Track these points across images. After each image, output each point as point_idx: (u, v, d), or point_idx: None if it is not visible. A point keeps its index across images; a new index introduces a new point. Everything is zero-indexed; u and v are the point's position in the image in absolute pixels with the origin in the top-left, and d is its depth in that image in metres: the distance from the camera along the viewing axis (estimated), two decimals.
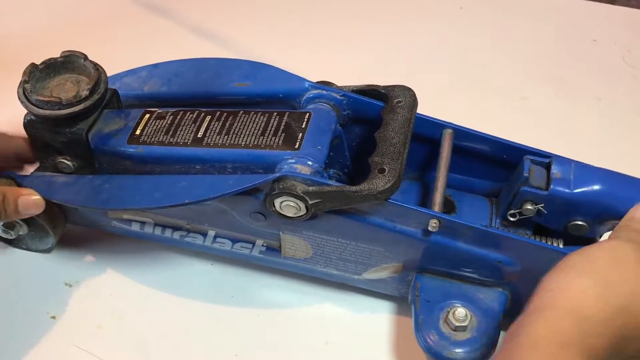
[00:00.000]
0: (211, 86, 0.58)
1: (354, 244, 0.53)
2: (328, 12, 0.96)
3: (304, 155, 0.50)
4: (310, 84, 0.57)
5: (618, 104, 0.82)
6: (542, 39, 0.92)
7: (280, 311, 0.59)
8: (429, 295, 0.52)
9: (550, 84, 0.85)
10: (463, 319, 0.50)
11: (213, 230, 0.56)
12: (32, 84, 0.52)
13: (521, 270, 0.51)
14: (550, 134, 0.76)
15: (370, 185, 0.47)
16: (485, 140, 0.56)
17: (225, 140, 0.52)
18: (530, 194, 0.51)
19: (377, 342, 0.57)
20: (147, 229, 0.58)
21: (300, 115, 0.53)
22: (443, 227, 0.49)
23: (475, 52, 0.90)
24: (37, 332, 0.56)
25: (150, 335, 0.57)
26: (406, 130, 0.52)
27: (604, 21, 0.96)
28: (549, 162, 0.52)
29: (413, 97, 0.55)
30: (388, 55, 0.88)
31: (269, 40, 0.90)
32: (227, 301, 0.60)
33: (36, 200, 0.52)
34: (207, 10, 0.94)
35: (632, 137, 0.78)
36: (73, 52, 0.54)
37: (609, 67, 0.88)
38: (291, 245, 0.55)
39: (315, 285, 0.60)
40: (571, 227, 0.52)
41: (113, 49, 0.84)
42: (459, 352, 0.49)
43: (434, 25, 0.94)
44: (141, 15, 0.92)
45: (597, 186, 0.50)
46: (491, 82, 0.85)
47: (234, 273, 0.62)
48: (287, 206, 0.49)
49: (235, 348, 0.56)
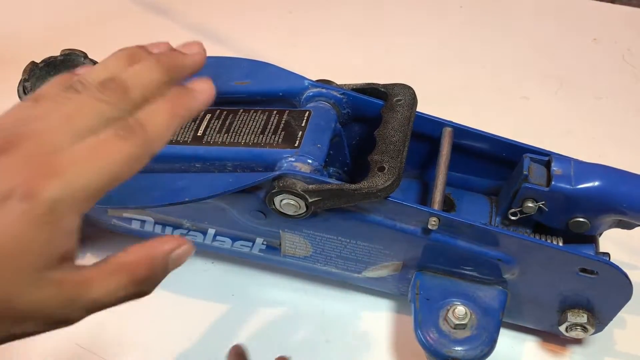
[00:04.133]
0: None
1: (353, 242, 0.53)
2: (328, 11, 0.96)
3: (303, 154, 0.50)
4: (310, 82, 0.57)
5: (618, 103, 0.82)
6: (542, 38, 0.92)
7: (280, 309, 0.59)
8: (429, 294, 0.52)
9: (551, 83, 0.85)
10: (463, 317, 0.50)
11: (213, 229, 0.56)
12: (32, 82, 0.52)
13: (521, 269, 0.51)
14: (550, 133, 0.76)
15: (370, 183, 0.47)
16: (484, 138, 0.56)
17: (225, 139, 0.52)
18: (531, 191, 0.51)
19: (377, 340, 0.57)
20: (147, 227, 0.58)
21: (300, 114, 0.53)
22: (443, 225, 0.49)
23: (476, 50, 0.90)
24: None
25: (151, 333, 0.57)
26: (406, 129, 0.52)
27: (605, 20, 0.96)
28: (548, 160, 0.52)
29: (413, 95, 0.55)
30: (388, 53, 0.89)
31: (269, 38, 0.90)
32: (227, 299, 0.60)
33: (188, 249, 0.33)
34: (207, 9, 0.94)
35: (632, 137, 0.78)
36: (73, 51, 0.54)
37: (609, 66, 0.88)
38: (291, 243, 0.55)
39: (315, 284, 0.61)
40: (572, 224, 0.52)
41: (113, 47, 0.83)
42: (458, 350, 0.49)
43: (434, 24, 0.94)
44: (141, 15, 0.92)
45: (598, 182, 0.50)
46: (491, 81, 0.85)
47: (234, 271, 0.62)
48: (287, 204, 0.49)
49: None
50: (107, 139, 0.30)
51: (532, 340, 0.58)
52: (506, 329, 0.57)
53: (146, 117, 0.32)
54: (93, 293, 0.30)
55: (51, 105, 0.31)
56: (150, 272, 0.32)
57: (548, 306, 0.53)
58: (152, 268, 0.32)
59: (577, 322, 0.52)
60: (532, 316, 0.55)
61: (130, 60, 0.34)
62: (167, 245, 0.32)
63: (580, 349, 0.57)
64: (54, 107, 0.31)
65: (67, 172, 0.28)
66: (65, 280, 0.29)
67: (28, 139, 0.29)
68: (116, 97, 0.31)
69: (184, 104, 0.34)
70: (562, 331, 0.54)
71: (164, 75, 0.34)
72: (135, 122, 0.31)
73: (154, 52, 0.35)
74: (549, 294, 0.52)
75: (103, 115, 0.30)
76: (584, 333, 0.53)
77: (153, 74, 0.33)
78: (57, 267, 0.29)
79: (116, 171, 0.30)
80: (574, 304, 0.53)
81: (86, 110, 0.30)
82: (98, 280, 0.30)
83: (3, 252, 0.27)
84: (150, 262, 0.32)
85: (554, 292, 0.52)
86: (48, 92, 0.32)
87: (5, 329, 0.29)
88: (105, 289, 0.30)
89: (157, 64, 0.34)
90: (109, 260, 0.31)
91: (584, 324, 0.52)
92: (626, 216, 0.51)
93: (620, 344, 0.58)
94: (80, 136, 0.30)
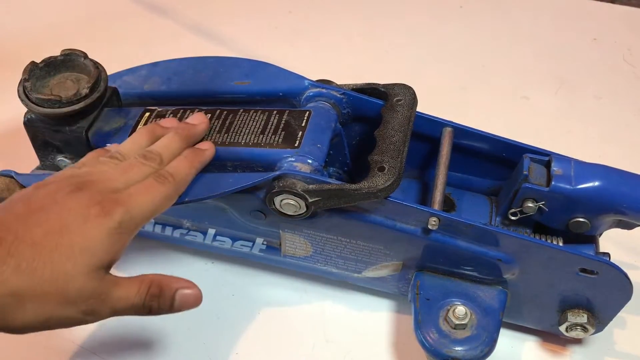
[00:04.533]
0: (211, 85, 0.58)
1: (353, 242, 0.53)
2: (328, 10, 0.96)
3: (304, 154, 0.50)
4: (310, 82, 0.57)
5: (618, 103, 0.82)
6: (542, 37, 0.92)
7: (280, 309, 0.59)
8: (429, 294, 0.52)
9: (551, 82, 0.85)
10: (463, 317, 0.50)
11: (213, 229, 0.56)
12: (32, 82, 0.52)
13: (521, 268, 0.51)
14: (550, 133, 0.77)
15: (370, 183, 0.47)
16: (484, 138, 0.56)
17: (225, 139, 0.52)
18: (531, 191, 0.51)
19: (377, 340, 0.57)
20: (147, 227, 0.58)
21: (300, 114, 0.53)
22: (443, 225, 0.49)
23: (476, 50, 0.90)
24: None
25: (151, 333, 0.57)
26: (406, 129, 0.52)
27: (604, 20, 0.96)
28: (548, 160, 0.52)
29: (413, 95, 0.55)
30: (388, 53, 0.89)
31: (269, 38, 0.90)
32: (227, 299, 0.60)
33: (196, 295, 0.44)
34: (207, 10, 0.94)
35: (632, 137, 0.78)
36: (73, 51, 0.54)
37: (609, 66, 0.88)
38: (291, 243, 0.55)
39: (315, 284, 0.61)
40: (572, 224, 0.52)
41: (113, 47, 0.84)
42: (458, 350, 0.49)
43: (434, 24, 0.94)
44: (141, 15, 0.92)
45: (598, 182, 0.50)
46: (491, 81, 0.85)
47: (234, 271, 0.62)
48: (287, 204, 0.49)
49: (236, 346, 0.56)
50: (151, 183, 0.44)
51: (532, 340, 0.58)
52: (506, 329, 0.57)
53: (173, 170, 0.46)
54: (120, 292, 0.41)
55: (102, 165, 0.45)
56: (160, 292, 0.43)
57: (548, 306, 0.53)
58: (162, 291, 0.43)
59: (577, 322, 0.52)
60: (532, 316, 0.55)
61: (152, 135, 0.49)
62: (179, 284, 0.44)
63: (580, 349, 0.57)
64: (106, 166, 0.45)
65: (127, 203, 0.42)
66: (106, 278, 0.41)
67: (94, 184, 0.42)
68: (155, 163, 0.46)
69: (198, 159, 0.49)
70: (562, 331, 0.54)
71: (183, 143, 0.49)
72: (167, 173, 0.46)
73: (168, 127, 0.50)
74: (549, 294, 0.52)
75: (145, 172, 0.45)
76: (584, 333, 0.53)
77: (176, 143, 0.49)
78: (106, 269, 0.41)
79: (157, 204, 0.44)
80: (574, 304, 0.53)
81: (135, 169, 0.45)
82: (124, 284, 0.42)
83: (80, 246, 0.39)
84: (161, 285, 0.43)
85: (554, 292, 0.52)
86: (89, 161, 0.46)
87: (49, 310, 0.38)
88: (127, 292, 0.41)
89: (178, 137, 0.49)
90: (132, 277, 0.42)
91: (584, 324, 0.52)
92: (626, 216, 0.51)
93: (620, 344, 0.58)
94: (131, 183, 0.44)
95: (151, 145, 0.48)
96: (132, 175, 0.44)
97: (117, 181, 0.43)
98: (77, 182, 0.42)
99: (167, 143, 0.48)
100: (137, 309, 0.42)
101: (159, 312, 0.43)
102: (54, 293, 0.38)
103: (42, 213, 0.40)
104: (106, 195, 0.41)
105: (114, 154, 0.46)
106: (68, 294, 0.39)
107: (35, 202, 0.40)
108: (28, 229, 0.38)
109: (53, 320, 0.39)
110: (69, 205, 0.40)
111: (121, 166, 0.45)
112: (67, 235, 0.39)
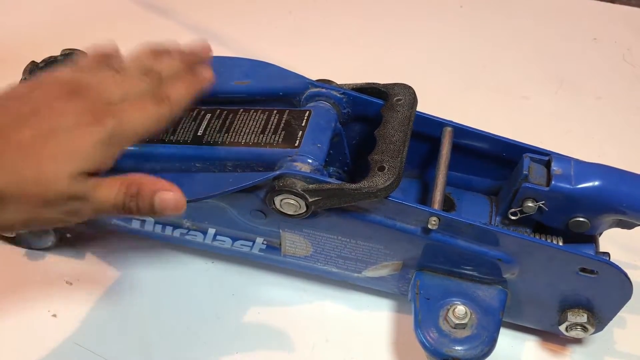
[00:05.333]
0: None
1: (354, 241, 0.53)
2: (328, 10, 0.96)
3: (304, 153, 0.50)
4: (310, 82, 0.57)
5: (618, 102, 0.82)
6: (542, 37, 0.92)
7: (280, 309, 0.59)
8: (429, 293, 0.52)
9: (551, 82, 0.85)
10: (463, 317, 0.50)
11: (213, 229, 0.56)
12: None
13: (521, 268, 0.51)
14: (550, 132, 0.76)
15: (370, 183, 0.47)
16: (484, 138, 0.56)
17: (225, 139, 0.52)
18: (531, 190, 0.51)
19: (377, 340, 0.57)
20: (147, 227, 0.58)
21: (300, 113, 0.53)
22: (443, 224, 0.49)
23: (476, 50, 0.90)
24: (39, 330, 0.56)
25: (151, 333, 0.57)
26: (406, 128, 0.52)
27: (605, 20, 0.96)
28: (548, 160, 0.52)
29: (413, 95, 0.55)
30: (388, 53, 0.89)
31: (269, 38, 0.90)
32: (227, 299, 0.60)
33: (177, 199, 0.43)
34: (208, 10, 0.94)
35: (632, 136, 0.78)
36: (73, 51, 0.54)
37: (609, 65, 0.88)
38: (291, 243, 0.55)
39: (315, 283, 0.61)
40: (572, 224, 0.52)
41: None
42: (458, 350, 0.49)
43: (434, 24, 0.94)
44: (141, 15, 0.92)
45: (598, 182, 0.50)
46: (491, 80, 0.85)
47: (234, 271, 0.62)
48: (287, 204, 0.49)
49: (236, 346, 0.56)
50: (146, 101, 0.43)
51: (532, 340, 0.58)
52: (506, 329, 0.57)
53: (170, 91, 0.45)
54: (101, 193, 0.41)
55: (101, 73, 0.44)
56: (138, 192, 0.42)
57: (548, 306, 0.53)
58: (140, 191, 0.42)
59: (577, 321, 0.52)
60: (532, 316, 0.55)
61: (155, 53, 0.47)
62: (159, 185, 0.42)
63: (580, 348, 0.57)
64: (104, 76, 0.44)
65: (120, 116, 0.41)
66: (89, 181, 0.40)
67: (90, 92, 0.42)
68: (154, 82, 0.45)
69: (194, 84, 0.47)
70: (562, 331, 0.54)
71: (185, 67, 0.47)
72: (163, 94, 0.44)
73: (171, 49, 0.48)
74: (549, 294, 0.52)
75: (142, 89, 0.44)
76: (584, 333, 0.53)
77: (177, 66, 0.47)
78: (91, 175, 0.40)
79: (150, 124, 0.43)
80: (574, 304, 0.53)
81: (133, 84, 0.44)
82: (106, 185, 0.41)
83: (67, 151, 0.39)
84: (140, 185, 0.42)
85: (554, 291, 0.52)
86: (89, 65, 0.45)
87: (30, 210, 0.39)
88: (108, 192, 0.41)
89: (179, 59, 0.47)
90: (114, 176, 0.42)
91: (584, 323, 0.52)
92: (626, 216, 0.51)
93: (620, 344, 0.58)
94: (126, 98, 0.43)
95: (152, 63, 0.47)
96: (129, 89, 0.44)
97: (114, 93, 0.42)
98: (74, 88, 0.42)
99: (168, 64, 0.47)
100: (118, 209, 0.42)
101: (140, 213, 0.42)
102: (36, 194, 0.39)
103: (34, 115, 0.39)
104: (100, 106, 0.41)
105: (114, 63, 0.45)
106: (49, 195, 0.39)
107: (30, 103, 0.40)
108: (18, 129, 0.39)
109: (34, 220, 0.40)
110: (62, 110, 0.40)
111: (119, 79, 0.44)
112: (55, 139, 0.39)
